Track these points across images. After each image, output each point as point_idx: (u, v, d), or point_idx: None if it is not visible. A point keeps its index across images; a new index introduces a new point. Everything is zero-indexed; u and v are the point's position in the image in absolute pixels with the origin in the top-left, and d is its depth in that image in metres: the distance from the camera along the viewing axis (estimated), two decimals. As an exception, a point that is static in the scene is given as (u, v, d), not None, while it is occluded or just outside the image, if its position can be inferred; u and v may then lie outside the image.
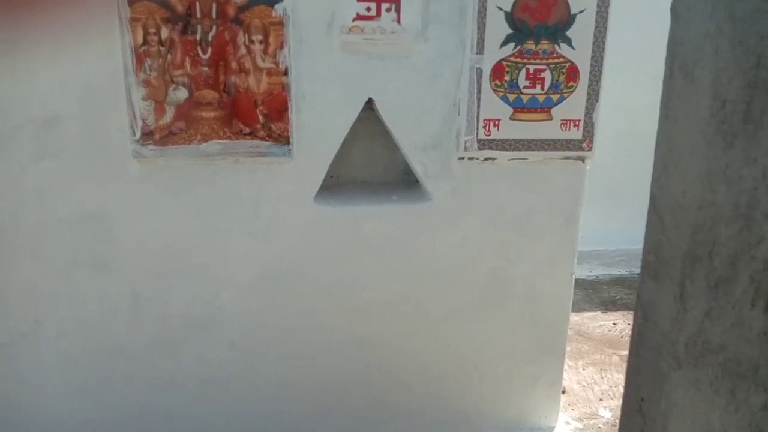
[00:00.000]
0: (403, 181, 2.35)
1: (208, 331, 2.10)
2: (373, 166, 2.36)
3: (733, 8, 1.06)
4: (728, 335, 1.02)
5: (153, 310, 2.06)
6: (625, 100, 4.45)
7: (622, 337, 3.32)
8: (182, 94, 1.87)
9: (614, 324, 3.48)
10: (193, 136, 1.90)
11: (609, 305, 3.76)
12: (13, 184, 1.87)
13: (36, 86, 1.81)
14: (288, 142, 1.95)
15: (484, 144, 2.06)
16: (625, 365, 1.49)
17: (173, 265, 2.03)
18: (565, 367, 3.02)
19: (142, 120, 1.86)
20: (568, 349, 3.26)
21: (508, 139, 2.07)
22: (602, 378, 2.89)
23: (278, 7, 1.84)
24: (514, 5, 1.95)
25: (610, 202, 4.31)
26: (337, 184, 2.33)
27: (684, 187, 1.16)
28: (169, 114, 1.88)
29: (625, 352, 3.20)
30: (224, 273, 2.06)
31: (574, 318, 3.55)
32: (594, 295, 3.92)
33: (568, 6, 1.97)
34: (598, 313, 3.63)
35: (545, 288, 2.26)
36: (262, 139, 1.94)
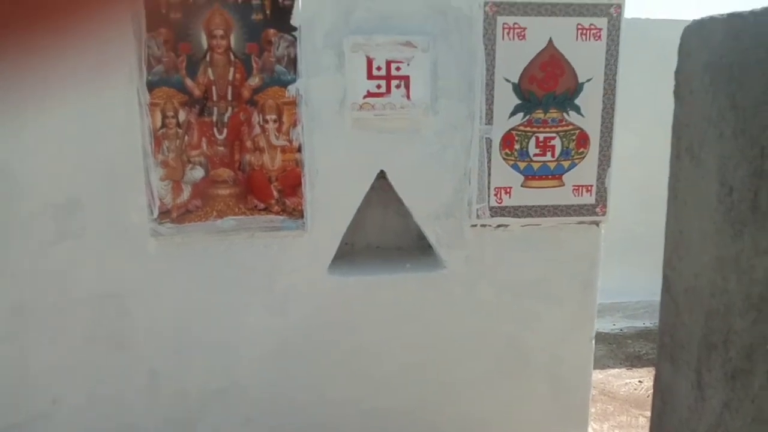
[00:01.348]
0: (417, 247, 2.35)
1: (223, 407, 2.09)
2: (386, 232, 2.38)
3: (734, 97, 1.07)
4: (750, 430, 1.00)
5: (169, 387, 2.06)
6: (644, 150, 4.45)
7: (648, 396, 3.22)
8: (199, 173, 1.92)
9: (640, 382, 3.39)
10: (209, 213, 1.94)
11: (634, 361, 3.67)
12: (33, 265, 1.92)
13: (56, 170, 1.87)
14: (302, 216, 1.98)
15: (496, 211, 2.07)
16: None
17: (189, 341, 2.04)
18: (590, 430, 2.93)
19: (160, 199, 1.91)
20: (592, 410, 3.18)
21: (520, 206, 2.07)
22: (629, 442, 2.80)
23: (291, 87, 1.90)
24: (521, 77, 1.98)
25: (631, 253, 4.25)
26: (352, 251, 2.34)
27: (696, 271, 1.15)
28: (186, 192, 1.92)
29: (653, 413, 3.10)
30: (240, 347, 2.07)
31: (598, 376, 3.47)
32: (618, 350, 3.83)
33: (575, 75, 2.00)
34: (623, 370, 3.54)
35: (565, 355, 2.22)
36: (277, 213, 1.97)
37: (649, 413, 3.14)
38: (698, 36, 1.15)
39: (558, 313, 2.19)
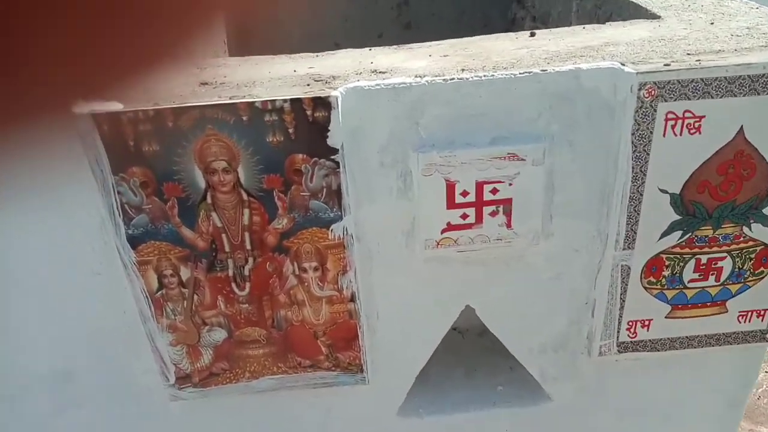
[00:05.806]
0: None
1: None
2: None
3: None
4: None
5: None
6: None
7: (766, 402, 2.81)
8: (219, 334, 1.42)
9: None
10: (240, 375, 1.48)
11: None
12: (36, 438, 1.55)
13: (38, 344, 1.41)
14: (361, 370, 1.49)
15: (626, 347, 1.50)
16: None
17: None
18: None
19: (175, 365, 1.45)
20: None
21: (661, 339, 1.50)
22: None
23: (336, 227, 1.29)
24: (686, 185, 1.28)
25: None
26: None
27: None
28: (207, 356, 1.44)
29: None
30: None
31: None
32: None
33: (770, 175, 1.28)
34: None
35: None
36: (328, 369, 1.48)
37: (763, 429, 2.74)
38: None
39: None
